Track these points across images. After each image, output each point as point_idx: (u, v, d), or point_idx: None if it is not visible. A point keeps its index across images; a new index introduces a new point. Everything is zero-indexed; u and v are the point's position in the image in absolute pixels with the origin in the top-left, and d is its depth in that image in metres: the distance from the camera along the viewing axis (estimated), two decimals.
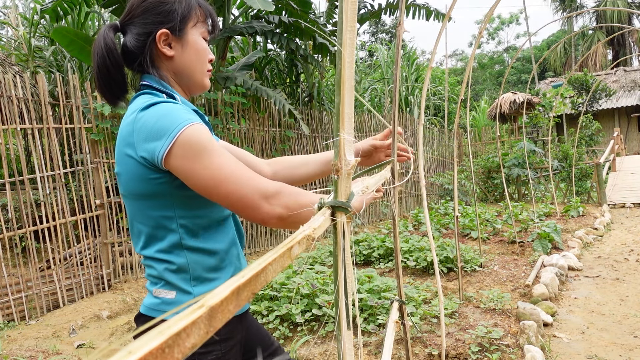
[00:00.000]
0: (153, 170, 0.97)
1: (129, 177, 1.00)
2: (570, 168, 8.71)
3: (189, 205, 1.01)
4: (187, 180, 0.95)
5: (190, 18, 1.07)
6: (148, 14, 1.05)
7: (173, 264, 1.02)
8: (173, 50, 1.06)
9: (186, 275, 1.03)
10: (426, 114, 15.98)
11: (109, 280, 4.77)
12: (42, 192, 4.32)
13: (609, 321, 3.31)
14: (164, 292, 1.04)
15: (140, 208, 1.03)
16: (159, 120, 0.94)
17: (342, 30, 0.52)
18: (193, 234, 1.03)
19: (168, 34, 1.05)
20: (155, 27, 1.05)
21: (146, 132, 0.95)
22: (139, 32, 1.05)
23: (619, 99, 18.24)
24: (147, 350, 0.25)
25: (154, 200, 1.00)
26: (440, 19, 8.14)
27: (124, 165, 1.01)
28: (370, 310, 3.09)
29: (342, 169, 0.56)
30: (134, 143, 0.97)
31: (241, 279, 0.33)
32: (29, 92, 4.33)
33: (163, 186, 0.99)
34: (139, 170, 0.98)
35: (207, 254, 1.04)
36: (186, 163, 0.92)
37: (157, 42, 1.05)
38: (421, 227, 6.45)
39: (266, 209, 0.92)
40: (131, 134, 0.98)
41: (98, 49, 1.03)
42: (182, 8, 1.06)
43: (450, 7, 2.10)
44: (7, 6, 14.03)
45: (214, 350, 1.02)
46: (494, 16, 35.22)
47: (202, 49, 1.10)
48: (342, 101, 0.54)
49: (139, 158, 0.96)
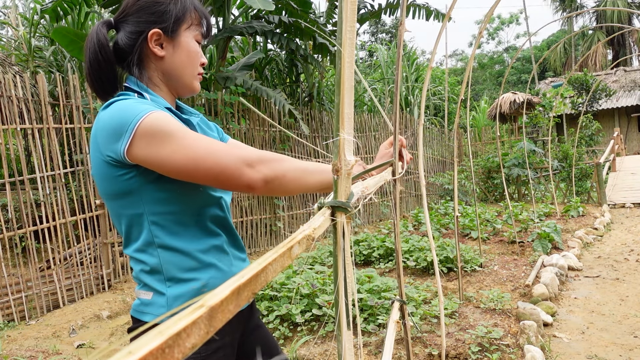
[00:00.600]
0: (119, 167, 0.96)
1: (101, 178, 1.00)
2: (570, 168, 8.71)
3: (158, 200, 0.99)
4: (161, 167, 0.92)
5: (184, 20, 1.07)
6: (142, 12, 1.05)
7: (147, 265, 1.01)
8: (164, 50, 1.06)
9: (160, 275, 1.01)
10: (426, 114, 15.99)
11: (109, 280, 4.77)
12: (42, 192, 4.32)
13: (609, 321, 3.31)
14: (143, 293, 1.04)
15: (115, 208, 1.02)
16: (115, 116, 0.93)
17: (342, 30, 0.52)
18: (165, 232, 1.00)
19: (160, 34, 1.05)
20: (148, 26, 1.04)
21: (107, 131, 0.94)
22: (132, 30, 1.05)
23: (619, 99, 18.23)
24: (147, 351, 0.25)
25: (124, 199, 0.99)
26: (440, 19, 8.14)
27: (95, 167, 1.01)
28: (370, 310, 3.09)
29: (342, 169, 0.56)
30: (99, 144, 0.96)
31: (241, 279, 0.33)
32: (29, 92, 4.33)
33: (131, 182, 0.97)
34: (107, 169, 0.97)
35: (182, 254, 1.01)
36: (154, 151, 0.91)
37: (149, 42, 1.04)
38: (421, 227, 6.45)
39: (250, 173, 0.91)
40: (95, 134, 0.98)
41: (90, 44, 1.03)
42: (176, 9, 1.06)
43: (450, 7, 2.10)
44: (7, 6, 14.03)
45: (194, 352, 0.99)
46: (494, 16, 35.22)
47: (194, 52, 1.09)
48: (342, 101, 0.54)
49: (106, 157, 0.96)
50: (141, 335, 0.27)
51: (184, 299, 1.02)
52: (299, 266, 4.15)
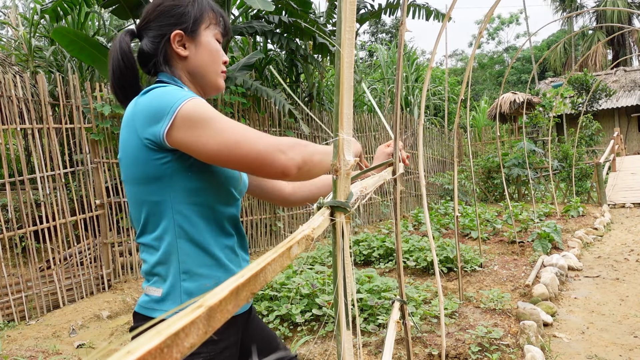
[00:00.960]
0: (156, 151, 0.98)
1: (131, 160, 1.01)
2: (570, 168, 8.71)
3: (187, 190, 1.01)
4: (198, 152, 0.94)
5: (203, 20, 1.11)
6: (162, 16, 1.09)
7: (163, 254, 1.01)
8: (187, 50, 1.10)
9: (175, 267, 1.01)
10: (426, 114, 15.99)
11: (109, 280, 4.77)
12: (42, 192, 4.33)
13: (609, 321, 3.31)
14: (153, 289, 1.03)
15: (139, 194, 1.03)
16: (156, 100, 0.96)
17: (341, 30, 0.52)
18: (188, 223, 1.01)
19: (182, 35, 1.09)
20: (169, 28, 1.09)
21: (146, 114, 0.96)
22: (155, 35, 1.09)
23: (619, 99, 18.23)
24: (146, 350, 0.25)
25: (153, 184, 1.00)
26: (440, 19, 8.14)
27: (125, 150, 1.02)
28: (370, 310, 3.09)
29: (341, 169, 0.56)
30: (136, 127, 0.98)
31: (240, 279, 0.33)
32: (29, 92, 4.33)
33: (164, 167, 0.99)
34: (143, 152, 0.98)
35: (200, 248, 1.03)
36: (192, 135, 0.93)
37: (172, 43, 1.08)
38: (421, 227, 6.45)
39: (284, 159, 0.93)
40: (132, 117, 1.00)
41: (113, 52, 1.07)
42: (195, 10, 1.10)
43: (450, 7, 2.11)
44: (7, 6, 14.03)
45: (201, 352, 0.99)
46: (494, 16, 35.21)
47: (215, 50, 1.12)
48: (341, 101, 0.54)
49: (143, 140, 0.97)
50: (148, 331, 0.27)
51: (194, 296, 1.02)
52: (299, 266, 4.15)
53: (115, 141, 4.96)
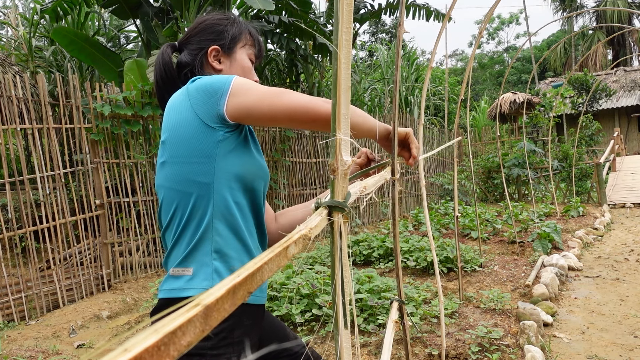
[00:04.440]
0: (212, 129, 1.04)
1: (182, 139, 1.06)
2: (570, 168, 8.71)
3: (230, 174, 1.07)
4: (250, 109, 1.02)
5: (240, 40, 1.22)
6: (203, 33, 1.21)
7: (199, 232, 1.05)
8: (222, 65, 1.20)
9: (208, 247, 1.05)
10: (426, 114, 15.99)
11: (109, 281, 4.78)
12: (42, 192, 4.33)
13: (609, 321, 3.31)
14: (182, 270, 1.06)
15: (185, 172, 1.07)
16: (210, 81, 1.05)
17: (338, 31, 0.53)
18: (226, 206, 1.06)
19: (219, 50, 1.20)
20: (207, 43, 1.19)
21: (204, 92, 1.04)
22: (193, 48, 1.20)
23: (619, 99, 18.22)
24: (143, 348, 0.25)
25: (202, 164, 1.05)
26: (440, 19, 8.15)
27: (175, 130, 1.07)
28: (370, 311, 3.09)
29: (339, 169, 0.57)
30: (192, 105, 1.05)
31: (237, 278, 0.33)
32: (29, 92, 4.33)
33: (216, 146, 1.04)
34: (198, 130, 1.04)
35: (233, 231, 1.07)
36: (245, 100, 1.02)
37: (208, 56, 1.19)
38: (421, 227, 6.45)
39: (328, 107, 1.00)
40: (185, 99, 1.07)
41: (157, 64, 1.19)
42: (233, 30, 1.21)
43: (450, 7, 2.11)
44: (7, 6, 14.03)
45: (225, 353, 1.02)
46: (494, 16, 35.21)
47: (247, 68, 1.23)
48: (338, 102, 0.55)
49: (201, 117, 1.04)
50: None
51: (223, 277, 1.05)
52: (299, 266, 4.15)
53: (115, 141, 4.96)
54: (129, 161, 5.04)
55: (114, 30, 9.75)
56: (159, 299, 1.09)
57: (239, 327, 1.06)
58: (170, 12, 6.17)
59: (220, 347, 1.01)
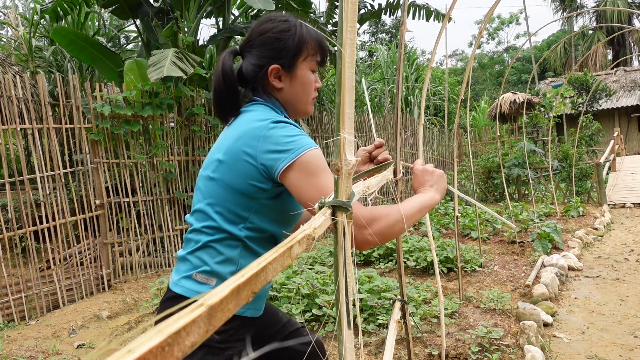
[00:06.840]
0: (263, 178, 1.08)
1: (234, 171, 1.10)
2: (570, 168, 8.70)
3: (265, 217, 1.13)
4: (297, 193, 1.04)
5: (301, 53, 1.19)
6: (264, 48, 1.19)
7: (225, 253, 1.11)
8: (282, 83, 1.19)
9: (233, 268, 1.11)
10: (426, 114, 15.99)
11: (109, 281, 4.77)
12: (42, 192, 4.32)
13: (609, 321, 3.31)
14: (206, 278, 1.11)
15: (226, 198, 1.12)
16: (287, 138, 1.05)
17: (343, 30, 0.52)
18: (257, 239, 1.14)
19: (279, 69, 1.18)
20: (268, 61, 1.18)
21: (273, 144, 1.05)
22: (255, 63, 1.19)
23: (619, 99, 18.22)
24: (147, 349, 0.25)
25: (242, 198, 1.11)
26: (440, 19, 8.15)
27: (234, 159, 1.10)
28: (371, 311, 3.09)
29: (343, 168, 0.56)
30: (257, 147, 1.07)
31: (241, 278, 0.33)
32: (28, 92, 4.32)
33: (260, 193, 1.10)
34: (250, 172, 1.08)
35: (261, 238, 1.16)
36: (300, 178, 1.03)
37: (269, 75, 1.18)
38: (421, 227, 6.44)
39: (366, 234, 0.97)
40: (257, 138, 1.08)
41: (217, 72, 1.18)
42: (294, 44, 1.18)
43: (450, 7, 2.11)
44: (7, 6, 14.03)
45: (232, 347, 1.09)
46: (494, 16, 35.20)
47: (308, 83, 1.22)
48: (343, 101, 0.54)
49: (258, 164, 1.07)
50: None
51: None
52: (299, 266, 4.15)
53: (115, 141, 4.96)
54: (129, 161, 5.04)
55: (114, 30, 9.74)
56: (176, 293, 1.13)
57: (243, 326, 1.15)
58: (170, 12, 6.16)
59: (227, 342, 1.09)
